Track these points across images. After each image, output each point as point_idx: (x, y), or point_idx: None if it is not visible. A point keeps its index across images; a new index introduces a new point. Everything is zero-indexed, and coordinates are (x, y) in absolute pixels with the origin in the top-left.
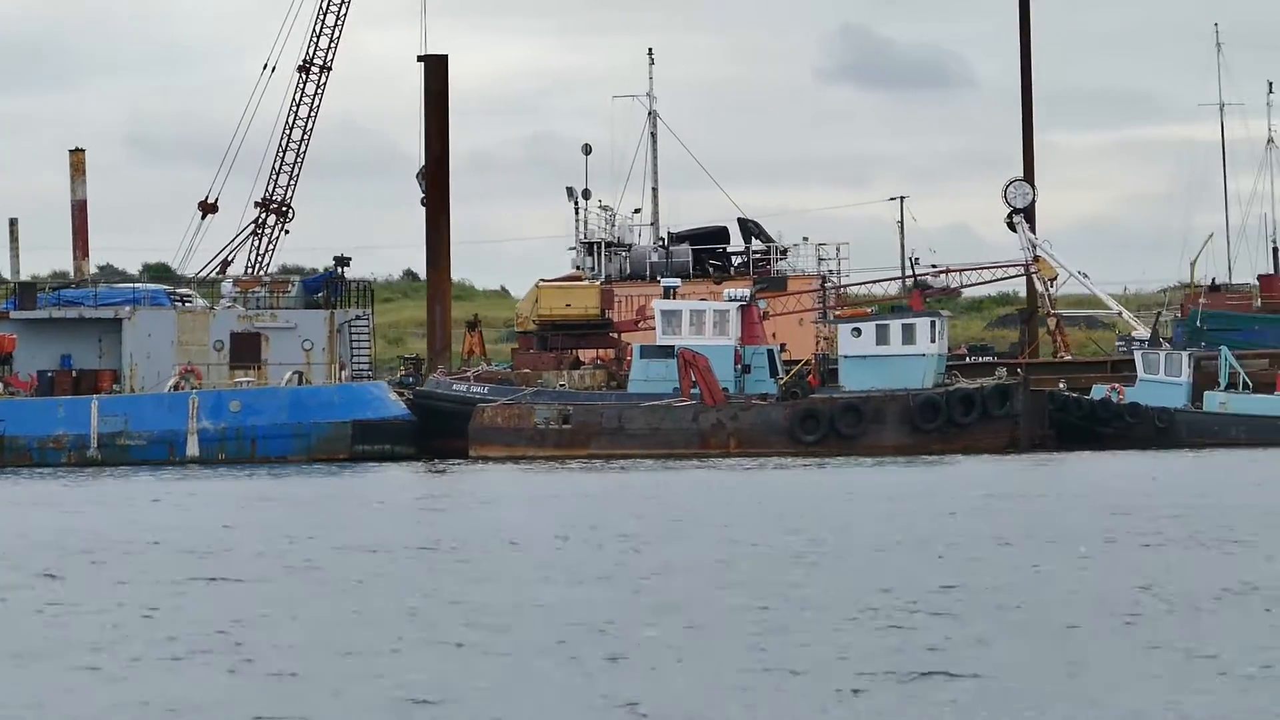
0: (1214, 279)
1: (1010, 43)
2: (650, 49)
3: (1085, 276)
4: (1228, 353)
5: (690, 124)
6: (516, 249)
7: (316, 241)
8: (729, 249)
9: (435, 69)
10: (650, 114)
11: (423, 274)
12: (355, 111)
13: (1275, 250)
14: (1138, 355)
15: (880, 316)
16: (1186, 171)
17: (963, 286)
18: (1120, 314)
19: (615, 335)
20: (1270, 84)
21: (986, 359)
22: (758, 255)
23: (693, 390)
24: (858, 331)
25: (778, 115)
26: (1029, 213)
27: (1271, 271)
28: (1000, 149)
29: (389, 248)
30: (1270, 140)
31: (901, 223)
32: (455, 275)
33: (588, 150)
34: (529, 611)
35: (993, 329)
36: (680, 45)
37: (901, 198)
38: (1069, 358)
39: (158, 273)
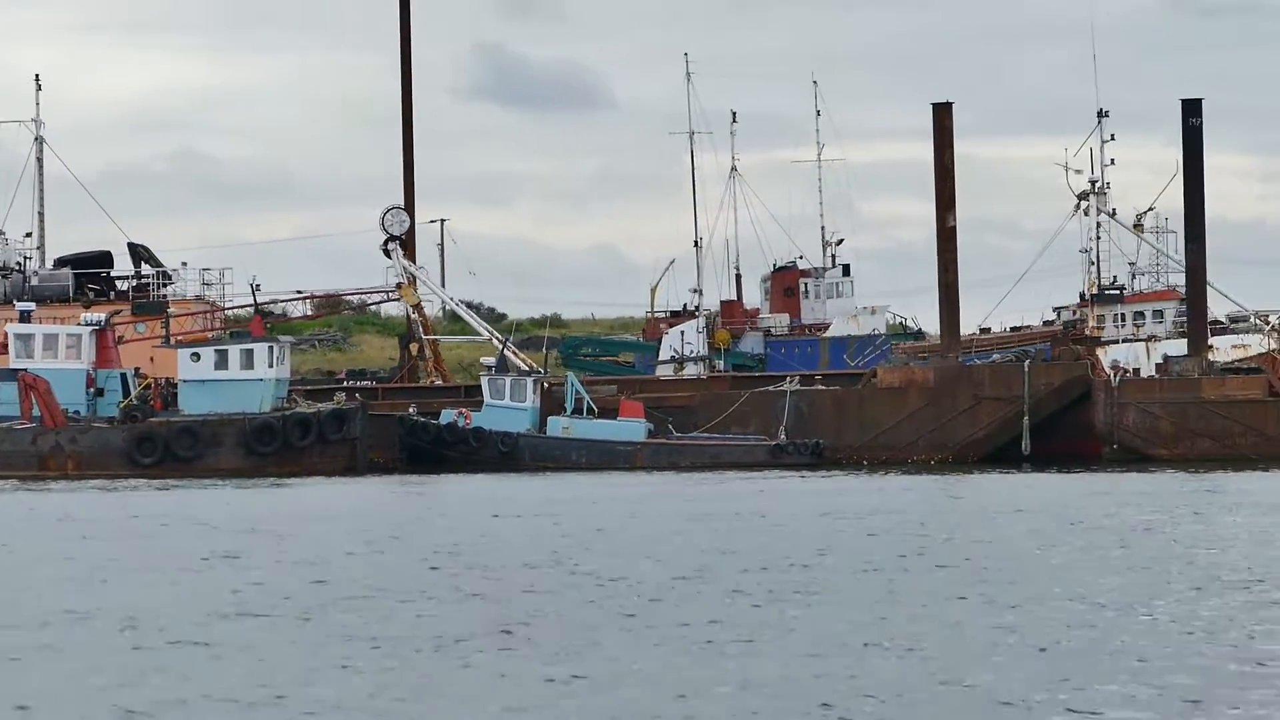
0: (685, 305)
1: (649, 64)
2: (37, 74)
3: (460, 304)
4: (574, 378)
5: (334, 141)
6: None
7: None
8: (114, 273)
9: None
10: (37, 139)
11: None
12: None
13: (738, 276)
14: (484, 380)
15: (219, 342)
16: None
17: (340, 310)
18: (491, 340)
19: None
20: (734, 113)
21: (364, 383)
22: (143, 280)
23: (36, 413)
24: (197, 356)
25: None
26: (407, 240)
27: (735, 297)
28: (644, 170)
29: None
30: (734, 168)
31: (441, 245)
32: None
33: None
34: None
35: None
36: (325, 64)
37: (442, 220)
38: (439, 382)
39: None
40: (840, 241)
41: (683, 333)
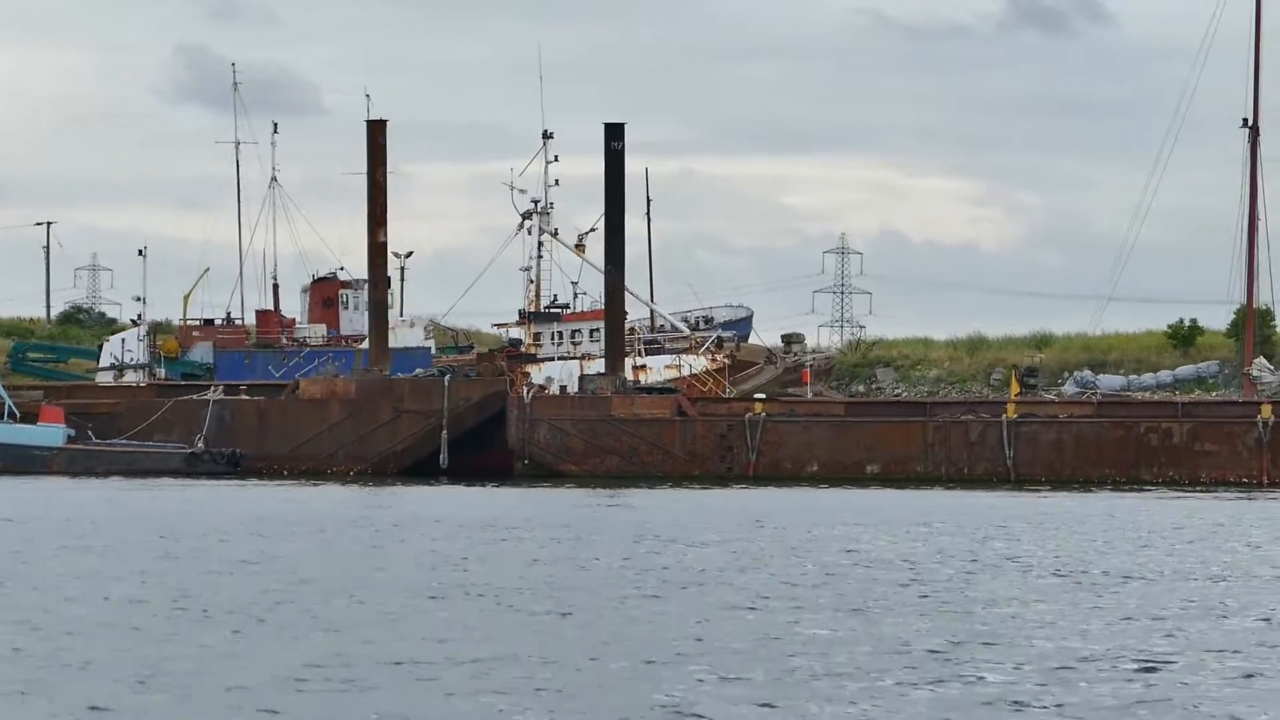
0: (229, 314)
1: (358, 71)
2: None
3: None
4: None
5: (44, 143)
6: None
7: None
8: None
9: None
10: None
11: None
12: None
13: (276, 287)
14: None
15: None
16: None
17: None
18: None
19: None
20: (275, 124)
21: None
22: None
23: None
24: None
25: (124, 136)
26: None
27: (272, 307)
28: (348, 177)
29: None
30: (274, 179)
31: (47, 247)
32: None
33: None
34: None
35: None
36: (27, 62)
37: (49, 223)
38: None
39: None
40: (410, 254)
41: (124, 340)
